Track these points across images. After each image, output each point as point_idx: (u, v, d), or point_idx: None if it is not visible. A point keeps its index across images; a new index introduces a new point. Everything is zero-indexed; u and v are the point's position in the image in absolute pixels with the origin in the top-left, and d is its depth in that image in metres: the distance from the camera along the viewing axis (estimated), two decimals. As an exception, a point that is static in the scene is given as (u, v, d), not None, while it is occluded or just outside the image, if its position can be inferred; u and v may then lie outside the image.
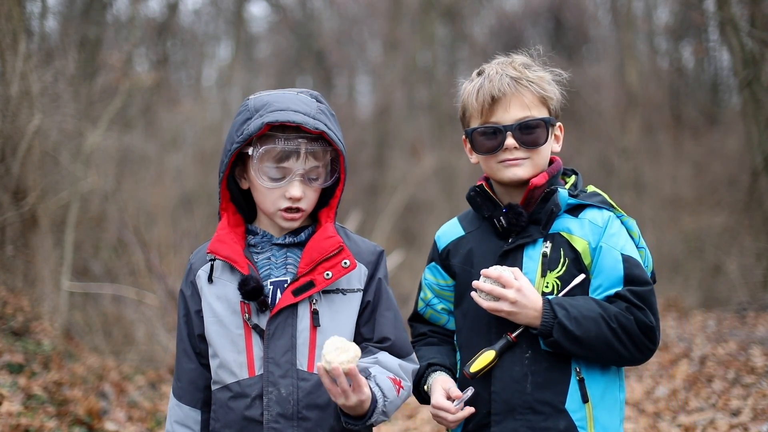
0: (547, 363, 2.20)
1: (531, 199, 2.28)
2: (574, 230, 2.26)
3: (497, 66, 2.35)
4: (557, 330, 2.14)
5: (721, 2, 8.21)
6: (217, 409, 2.27)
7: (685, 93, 14.78)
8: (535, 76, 2.31)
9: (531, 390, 2.20)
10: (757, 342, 6.50)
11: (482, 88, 2.31)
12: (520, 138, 2.26)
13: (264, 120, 2.19)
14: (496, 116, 2.29)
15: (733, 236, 9.75)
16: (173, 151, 11.98)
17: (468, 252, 2.36)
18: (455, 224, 2.45)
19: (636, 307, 2.17)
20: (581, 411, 2.20)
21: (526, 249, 2.27)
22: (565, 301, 2.18)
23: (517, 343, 2.21)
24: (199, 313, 2.32)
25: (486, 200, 2.33)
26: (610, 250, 2.23)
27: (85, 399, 5.39)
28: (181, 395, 2.36)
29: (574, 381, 2.20)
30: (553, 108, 2.33)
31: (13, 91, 6.40)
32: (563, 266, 2.24)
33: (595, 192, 2.35)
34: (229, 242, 2.29)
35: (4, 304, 6.23)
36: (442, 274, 2.43)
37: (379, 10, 17.77)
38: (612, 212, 2.29)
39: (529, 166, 2.28)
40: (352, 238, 2.37)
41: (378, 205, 14.75)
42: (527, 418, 2.19)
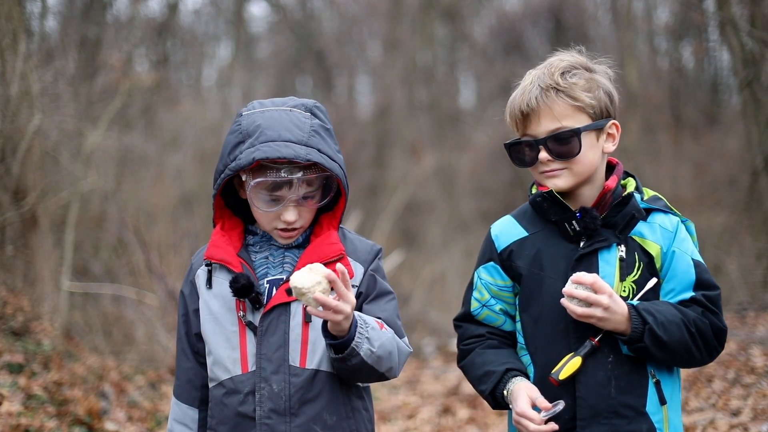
0: (628, 367, 2.22)
1: (603, 203, 2.29)
2: (646, 235, 2.28)
3: (536, 72, 2.32)
4: (648, 336, 2.15)
5: (721, 2, 8.20)
6: (212, 406, 2.29)
7: (685, 93, 14.77)
8: (568, 84, 2.26)
9: (615, 394, 2.21)
10: (757, 342, 6.49)
11: (514, 101, 2.30)
12: (553, 150, 2.25)
13: (254, 156, 2.19)
14: (530, 129, 2.28)
15: (733, 236, 9.74)
16: (173, 151, 11.96)
17: (536, 254, 2.33)
18: (513, 223, 2.41)
19: (710, 311, 2.22)
20: (659, 413, 2.23)
21: (601, 253, 2.27)
22: (649, 306, 2.19)
23: (600, 348, 2.22)
24: (197, 312, 2.34)
25: (554, 204, 2.30)
26: (682, 255, 2.26)
27: (85, 399, 5.39)
28: (180, 393, 2.38)
29: (651, 384, 2.23)
30: (596, 111, 2.28)
31: (13, 91, 6.40)
32: (638, 270, 2.26)
33: (656, 196, 2.37)
34: (222, 245, 2.31)
35: (4, 304, 6.22)
36: (501, 275, 2.39)
37: (379, 10, 17.76)
38: (678, 217, 2.32)
39: (568, 176, 2.27)
40: (350, 238, 2.38)
41: (378, 205, 14.74)
42: (612, 422, 2.20)
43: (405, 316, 10.99)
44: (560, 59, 2.33)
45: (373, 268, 2.35)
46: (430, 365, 9.05)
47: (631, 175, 2.41)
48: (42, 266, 7.06)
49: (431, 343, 10.07)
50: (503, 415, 6.50)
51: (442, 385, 8.03)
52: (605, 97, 2.31)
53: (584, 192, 2.31)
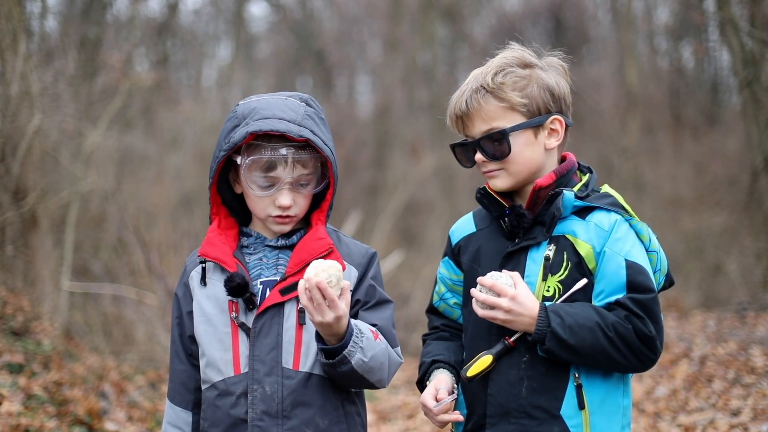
0: (544, 368, 2.17)
1: (537, 200, 2.24)
2: (579, 233, 2.21)
3: (475, 72, 2.33)
4: (550, 338, 2.11)
5: (721, 2, 8.21)
6: (205, 408, 2.28)
7: (685, 93, 14.77)
8: (496, 84, 2.24)
9: (526, 394, 2.18)
10: (757, 342, 6.50)
11: (451, 105, 2.32)
12: (486, 151, 2.25)
13: (248, 129, 2.20)
14: (468, 130, 2.29)
15: (733, 236, 9.75)
16: (173, 151, 11.98)
17: (477, 250, 2.35)
18: (469, 220, 2.45)
19: (636, 315, 2.12)
20: (577, 417, 2.17)
21: (530, 251, 2.24)
22: (561, 308, 2.14)
23: (516, 348, 2.19)
24: (191, 314, 2.33)
25: (492, 201, 2.31)
26: (614, 256, 2.17)
27: (85, 399, 5.39)
28: (173, 396, 2.38)
29: (572, 387, 2.17)
30: (530, 110, 2.24)
31: (13, 91, 6.40)
32: (565, 270, 2.20)
33: (606, 193, 2.30)
34: (218, 244, 2.30)
35: (4, 304, 6.22)
36: (454, 269, 2.41)
37: (379, 10, 17.76)
38: (620, 215, 2.23)
39: (505, 177, 2.27)
40: (344, 241, 2.37)
41: (378, 205, 14.74)
42: (521, 422, 2.18)
43: (405, 316, 11.00)
44: (501, 57, 2.33)
45: (373, 275, 2.34)
46: (430, 365, 9.04)
47: (591, 171, 2.37)
48: (42, 266, 7.06)
49: (431, 343, 10.05)
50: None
51: (442, 385, 8.01)
52: (542, 93, 2.26)
53: (527, 190, 2.29)
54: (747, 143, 9.25)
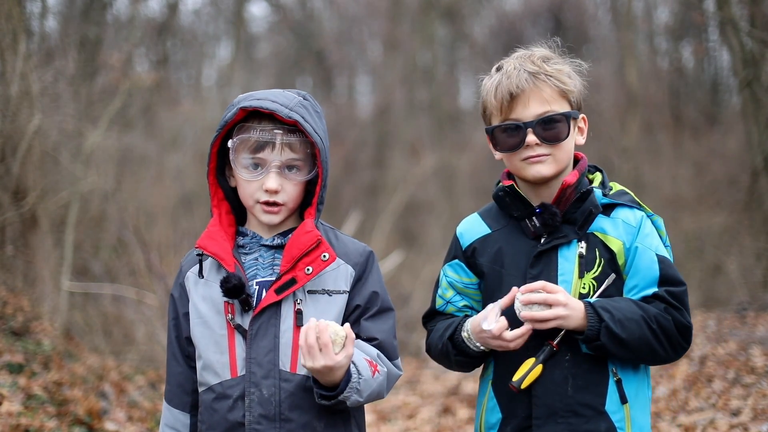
0: (587, 365, 2.19)
1: (563, 198, 2.26)
2: (608, 230, 2.24)
3: (515, 61, 2.30)
4: (604, 333, 2.12)
5: (721, 2, 8.20)
6: (202, 411, 2.26)
7: (685, 93, 14.76)
8: (554, 69, 2.27)
9: (572, 393, 2.19)
10: (757, 342, 6.50)
11: (500, 85, 2.26)
12: (541, 134, 2.23)
13: (239, 105, 2.21)
14: (516, 113, 2.24)
15: (733, 236, 9.74)
16: (173, 151, 11.97)
17: (497, 251, 2.32)
18: (478, 221, 2.41)
19: (674, 307, 2.18)
20: (620, 412, 2.20)
21: (561, 249, 2.25)
22: (606, 303, 2.16)
23: (558, 349, 2.20)
24: (187, 316, 2.31)
25: (516, 200, 2.29)
26: (645, 251, 2.22)
27: (85, 399, 5.39)
28: (171, 398, 2.37)
29: (612, 382, 2.20)
30: (575, 100, 2.29)
31: (13, 91, 6.40)
32: (599, 267, 2.23)
33: (623, 190, 2.33)
34: (218, 239, 2.28)
35: (4, 304, 6.23)
36: (466, 272, 2.38)
37: (379, 10, 17.76)
38: (643, 211, 2.28)
39: (551, 163, 2.25)
40: (341, 239, 2.34)
41: (378, 205, 14.73)
42: (569, 421, 2.18)
43: (405, 316, 10.99)
44: (539, 49, 2.34)
45: (375, 279, 2.30)
46: (430, 365, 9.05)
47: (600, 169, 2.38)
48: (42, 266, 7.06)
49: (431, 343, 10.06)
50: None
51: (442, 385, 8.03)
52: (581, 88, 2.32)
53: (552, 186, 2.28)
54: (747, 143, 9.24)
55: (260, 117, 2.22)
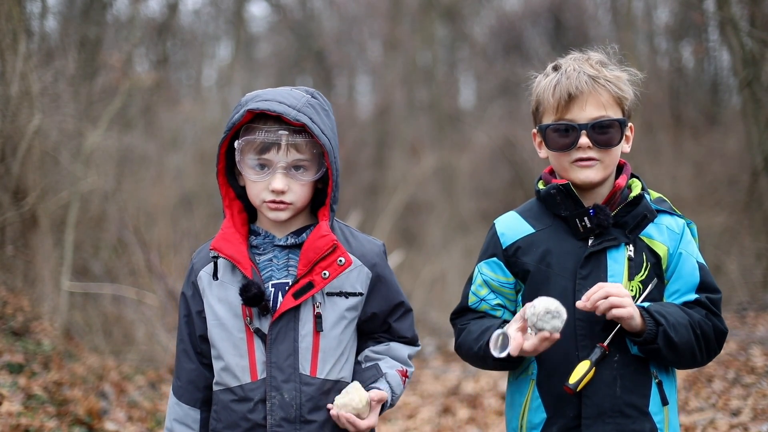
0: (634, 367, 2.22)
1: (613, 201, 2.29)
2: (654, 235, 2.28)
3: (574, 62, 2.32)
4: (662, 337, 2.15)
5: (721, 2, 8.20)
6: (219, 409, 2.27)
7: (685, 93, 14.76)
8: (613, 76, 2.29)
9: (620, 393, 2.21)
10: (757, 342, 6.50)
11: (559, 84, 2.27)
12: (595, 138, 2.24)
13: (246, 107, 2.20)
14: (572, 114, 2.26)
15: (733, 236, 9.74)
16: (173, 151, 11.97)
17: (544, 251, 2.31)
18: (519, 219, 2.40)
19: (713, 314, 2.23)
20: (661, 413, 2.24)
21: (610, 252, 2.26)
22: (660, 308, 2.19)
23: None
24: (201, 314, 2.31)
25: (567, 199, 2.28)
26: (688, 257, 2.27)
27: (85, 399, 5.39)
28: (181, 394, 2.36)
29: (654, 384, 2.24)
30: (627, 108, 2.31)
31: (13, 91, 6.40)
32: (645, 270, 2.26)
33: (661, 197, 2.38)
34: (234, 241, 2.27)
35: (4, 304, 6.22)
36: (504, 271, 2.38)
37: (379, 10, 17.76)
38: (683, 219, 2.34)
39: (600, 169, 2.27)
40: (357, 237, 2.35)
41: (378, 205, 14.73)
42: (617, 421, 2.20)
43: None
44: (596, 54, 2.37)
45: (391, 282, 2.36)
46: (430, 365, 9.05)
47: (636, 176, 2.40)
48: (42, 266, 7.06)
49: (431, 343, 10.06)
50: (503, 415, 6.50)
51: (442, 385, 8.03)
52: (633, 97, 2.35)
53: (600, 189, 2.31)
54: (747, 143, 9.24)
55: (266, 117, 2.21)
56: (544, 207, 2.36)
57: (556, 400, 2.24)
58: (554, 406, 2.25)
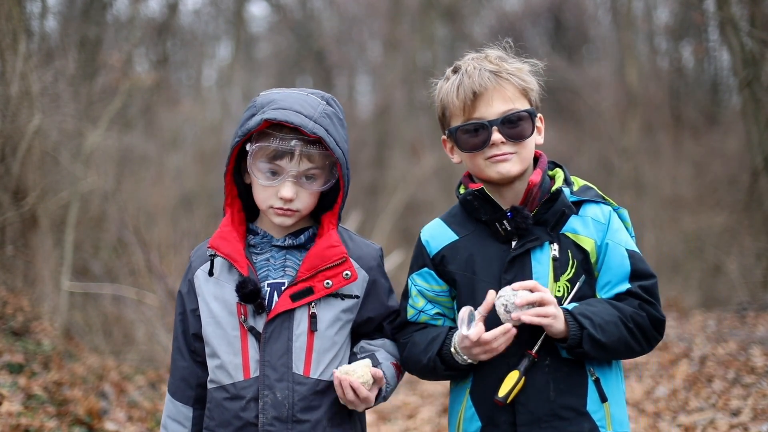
0: (567, 368, 2.19)
1: (530, 199, 2.23)
2: (579, 230, 2.22)
3: (473, 61, 2.29)
4: (586, 341, 2.11)
5: (721, 2, 8.20)
6: (212, 407, 2.27)
7: (685, 93, 14.77)
8: (514, 68, 2.26)
9: (554, 397, 2.17)
10: (757, 342, 6.49)
11: (462, 85, 2.23)
12: (506, 132, 2.20)
13: (263, 116, 2.18)
14: (479, 112, 2.22)
15: (733, 236, 9.74)
16: (173, 151, 11.98)
17: (468, 258, 2.27)
18: (443, 227, 2.36)
19: (647, 302, 2.18)
20: (601, 411, 2.20)
21: (534, 253, 2.22)
22: (584, 309, 2.14)
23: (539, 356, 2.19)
24: (195, 312, 2.32)
25: (485, 203, 2.25)
26: (616, 247, 2.21)
27: (85, 399, 5.39)
28: (174, 391, 2.38)
29: (591, 382, 2.20)
30: (534, 99, 2.28)
31: (13, 91, 6.40)
32: (572, 268, 2.21)
33: (586, 185, 2.31)
34: (231, 240, 2.27)
35: (4, 304, 6.23)
36: (436, 280, 2.33)
37: (379, 10, 17.76)
38: (609, 206, 2.27)
39: (517, 161, 2.23)
40: (356, 241, 2.36)
41: (378, 205, 14.74)
42: (553, 425, 2.17)
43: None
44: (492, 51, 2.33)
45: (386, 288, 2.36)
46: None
47: (559, 165, 2.35)
48: (42, 266, 7.06)
49: (431, 343, 10.06)
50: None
51: (442, 385, 8.03)
52: (538, 87, 2.30)
53: (516, 186, 2.26)
54: (747, 143, 9.24)
55: (281, 126, 2.20)
56: (466, 212, 2.33)
57: (489, 409, 2.20)
58: (487, 414, 2.21)
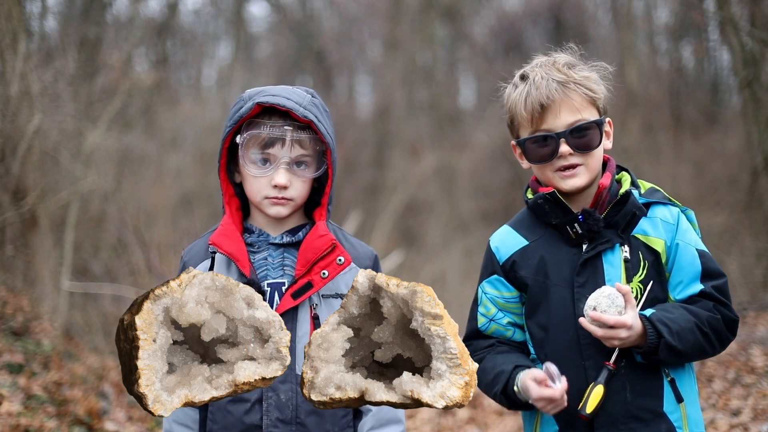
0: (642, 370, 2.19)
1: (600, 202, 2.24)
2: (648, 231, 2.23)
3: (541, 70, 2.27)
4: (663, 348, 2.11)
5: (721, 2, 8.20)
6: (215, 411, 2.26)
7: (685, 93, 14.76)
8: (581, 77, 2.25)
9: (631, 399, 2.18)
10: (757, 342, 6.49)
11: (530, 96, 2.23)
12: (574, 143, 2.20)
13: (255, 101, 2.19)
14: (547, 123, 2.21)
15: (733, 236, 9.74)
16: (173, 151, 11.97)
17: (539, 262, 2.27)
18: (512, 233, 2.35)
19: (721, 303, 2.19)
20: (677, 411, 2.20)
21: (605, 255, 2.22)
22: (663, 316, 2.14)
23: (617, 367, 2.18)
24: None
25: (557, 207, 2.24)
26: (686, 247, 2.23)
27: (85, 399, 5.39)
28: None
29: (666, 383, 2.20)
30: (602, 106, 2.27)
31: (13, 91, 6.41)
32: (644, 270, 2.22)
33: (653, 188, 2.33)
34: (234, 238, 2.26)
35: (4, 304, 6.23)
36: (507, 287, 2.33)
37: (379, 10, 17.75)
38: (677, 207, 2.28)
39: (584, 173, 2.23)
40: (350, 241, 2.36)
41: (378, 205, 14.73)
42: (630, 426, 2.17)
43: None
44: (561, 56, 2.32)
45: None
46: (430, 365, 9.04)
47: (625, 168, 2.36)
48: (42, 266, 7.06)
49: (431, 343, 10.05)
50: (503, 415, 6.50)
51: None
52: (607, 93, 2.30)
53: (587, 191, 2.27)
54: (747, 143, 9.24)
55: (271, 113, 2.21)
56: (535, 216, 2.32)
57: (566, 412, 2.19)
58: (565, 418, 2.22)
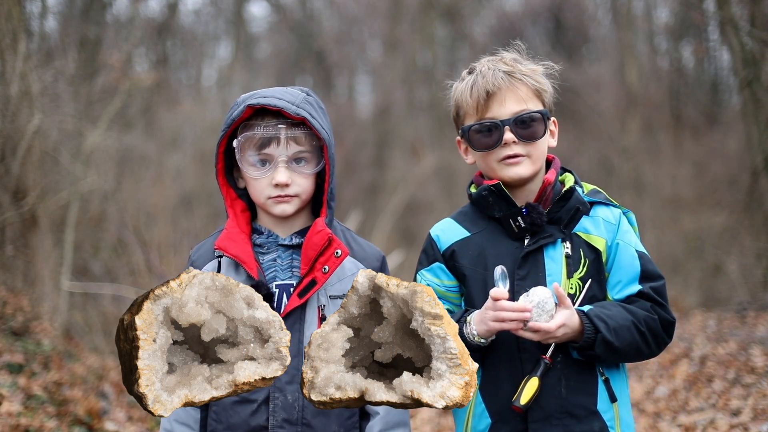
0: (577, 366, 2.20)
1: (544, 197, 2.25)
2: (590, 229, 2.25)
3: (488, 63, 2.31)
4: (599, 344, 2.12)
5: (721, 2, 8.20)
6: (219, 411, 2.25)
7: (685, 93, 14.76)
8: (528, 69, 2.28)
9: (566, 394, 2.19)
10: (757, 342, 6.49)
11: (476, 85, 2.26)
12: (519, 132, 2.22)
13: (246, 103, 2.19)
14: (492, 112, 2.24)
15: (733, 236, 9.75)
16: (173, 151, 11.98)
17: (480, 253, 2.29)
18: (454, 224, 2.38)
19: (658, 304, 2.20)
20: (610, 411, 2.21)
21: (546, 250, 2.24)
22: (600, 312, 2.15)
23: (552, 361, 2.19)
24: None
25: (501, 200, 2.26)
26: (626, 247, 2.24)
27: (85, 399, 5.39)
28: None
29: (601, 382, 2.22)
30: (547, 101, 2.29)
31: (13, 91, 6.41)
32: (584, 267, 2.23)
33: (596, 189, 2.35)
34: (239, 241, 2.25)
35: (4, 304, 6.23)
36: (448, 275, 2.35)
37: (379, 10, 17.76)
38: (619, 208, 2.30)
39: (528, 164, 2.25)
40: (358, 242, 2.36)
41: (378, 205, 14.74)
42: (564, 422, 2.18)
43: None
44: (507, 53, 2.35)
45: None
46: (430, 365, 9.04)
47: (569, 170, 2.37)
48: (42, 266, 7.06)
49: (431, 343, 10.05)
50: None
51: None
52: (551, 89, 2.32)
53: (528, 186, 2.28)
54: (747, 143, 9.25)
55: (263, 114, 2.21)
56: (478, 210, 2.34)
57: (500, 406, 2.21)
58: (498, 411, 2.22)
